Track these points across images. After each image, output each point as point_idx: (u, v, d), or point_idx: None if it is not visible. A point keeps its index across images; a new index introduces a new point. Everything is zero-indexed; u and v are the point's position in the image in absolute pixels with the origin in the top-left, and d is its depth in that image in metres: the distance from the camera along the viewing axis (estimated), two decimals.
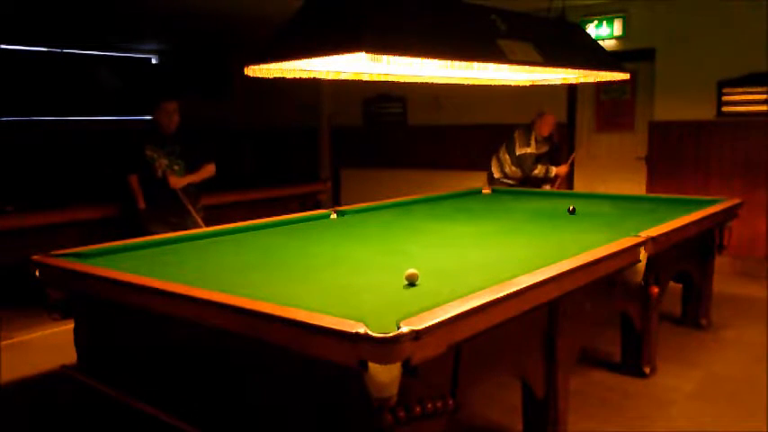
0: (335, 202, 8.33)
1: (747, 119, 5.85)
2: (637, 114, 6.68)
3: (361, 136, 8.79)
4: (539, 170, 5.86)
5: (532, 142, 5.87)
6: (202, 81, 9.40)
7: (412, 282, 2.28)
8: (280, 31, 2.88)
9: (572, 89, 6.87)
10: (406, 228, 3.75)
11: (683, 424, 3.00)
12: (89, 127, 8.51)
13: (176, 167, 4.67)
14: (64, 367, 2.86)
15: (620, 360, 3.59)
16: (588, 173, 6.97)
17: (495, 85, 4.59)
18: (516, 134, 5.92)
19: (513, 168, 5.92)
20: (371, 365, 1.65)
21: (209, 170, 4.87)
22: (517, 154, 5.87)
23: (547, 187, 6.09)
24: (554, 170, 5.93)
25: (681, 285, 4.34)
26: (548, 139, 5.96)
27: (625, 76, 4.17)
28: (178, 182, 4.66)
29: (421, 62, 2.72)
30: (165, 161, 4.61)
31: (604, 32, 6.50)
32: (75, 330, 2.84)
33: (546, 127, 5.89)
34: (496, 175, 6.07)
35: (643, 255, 3.00)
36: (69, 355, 2.86)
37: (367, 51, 2.45)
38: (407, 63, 2.69)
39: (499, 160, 6.07)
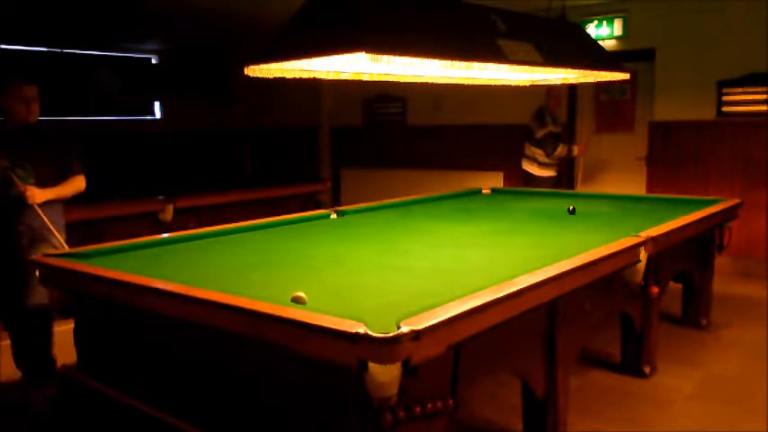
0: (335, 202, 8.33)
1: (747, 119, 5.85)
2: (637, 114, 6.68)
3: (361, 136, 8.80)
4: (561, 149, 5.92)
5: (548, 121, 5.96)
6: (202, 81, 9.41)
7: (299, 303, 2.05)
8: (280, 31, 2.88)
9: (572, 89, 6.87)
10: (406, 228, 3.75)
11: (683, 424, 3.00)
12: (89, 127, 8.52)
13: (20, 172, 3.35)
14: (64, 367, 2.85)
15: (620, 360, 3.60)
16: (588, 173, 6.97)
17: (495, 85, 4.59)
18: (531, 121, 6.02)
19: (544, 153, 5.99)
20: (371, 365, 1.65)
21: (76, 184, 3.63)
22: (537, 137, 5.95)
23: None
24: (576, 148, 5.98)
25: (681, 285, 4.34)
26: (558, 119, 6.03)
27: (625, 76, 4.17)
28: (37, 195, 3.32)
29: (421, 62, 2.72)
30: (5, 162, 3.36)
31: (604, 32, 6.50)
32: (75, 330, 2.84)
33: (554, 101, 5.98)
34: (535, 172, 6.12)
35: (643, 255, 3.00)
36: (69, 355, 2.86)
37: (367, 51, 2.45)
38: (407, 63, 2.70)
39: (529, 157, 6.14)
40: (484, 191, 5.37)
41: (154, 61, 9.43)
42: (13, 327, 3.49)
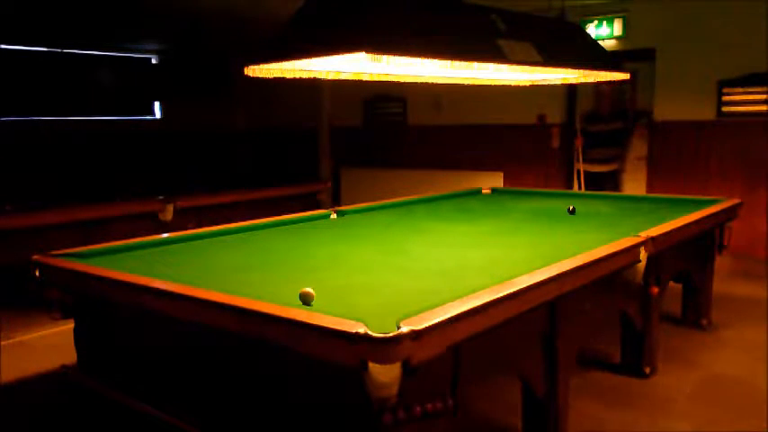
0: (335, 202, 8.33)
1: (747, 119, 5.85)
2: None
3: (361, 136, 8.80)
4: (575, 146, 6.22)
5: (585, 119, 6.25)
6: (202, 81, 9.40)
7: (306, 301, 2.07)
8: (280, 31, 2.88)
9: (572, 89, 6.87)
10: (406, 228, 3.75)
11: (683, 424, 3.00)
12: (89, 127, 8.52)
13: None
14: (64, 367, 2.86)
15: (620, 360, 3.59)
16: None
17: (495, 85, 4.59)
18: None
19: None
20: (371, 365, 1.65)
21: None
22: None
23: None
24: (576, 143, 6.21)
25: (681, 285, 4.34)
26: (616, 116, 6.15)
27: (625, 76, 4.17)
28: None
29: (421, 62, 2.72)
30: None
31: (604, 32, 6.50)
32: (75, 330, 2.84)
33: (599, 102, 6.14)
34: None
35: (643, 255, 3.00)
36: (69, 355, 2.86)
37: (367, 51, 2.45)
38: (407, 63, 2.69)
39: None
40: (484, 191, 5.37)
41: (154, 61, 9.43)
42: None
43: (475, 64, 3.02)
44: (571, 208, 4.06)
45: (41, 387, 3.49)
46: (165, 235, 3.36)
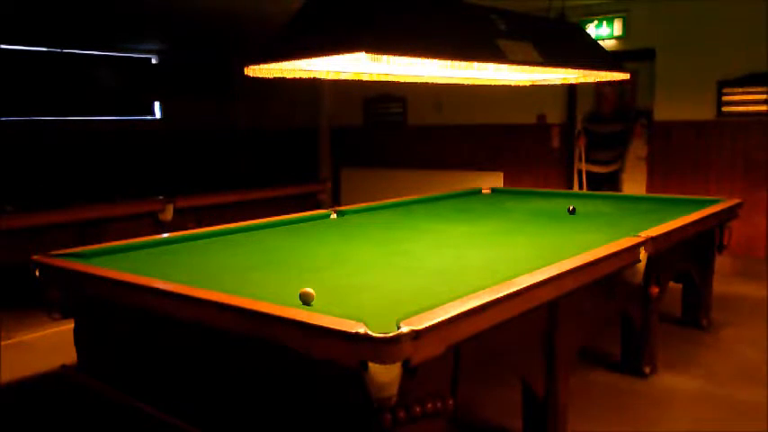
0: (335, 202, 8.34)
1: (747, 119, 5.85)
2: None
3: (361, 136, 8.80)
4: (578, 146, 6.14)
5: (585, 118, 6.19)
6: (202, 81, 9.40)
7: (306, 301, 2.07)
8: (280, 31, 2.88)
9: (572, 89, 6.87)
10: (406, 228, 3.75)
11: (683, 424, 3.00)
12: (89, 127, 8.53)
13: None
14: (64, 367, 2.86)
15: (620, 360, 3.59)
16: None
17: (495, 85, 4.59)
18: None
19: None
20: (371, 365, 1.65)
21: None
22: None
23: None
24: (579, 144, 6.12)
25: (681, 285, 4.34)
26: (617, 117, 6.06)
27: (625, 76, 4.17)
28: None
29: (421, 62, 2.72)
30: None
31: (604, 32, 6.51)
32: (75, 330, 2.84)
33: (600, 102, 6.07)
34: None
35: (643, 255, 3.00)
36: (69, 355, 2.86)
37: (367, 51, 2.45)
38: (407, 63, 2.69)
39: None
40: (484, 191, 5.37)
41: (154, 61, 9.43)
42: None
43: (475, 64, 3.02)
44: (571, 208, 4.06)
45: (41, 387, 3.49)
46: (165, 235, 3.36)
